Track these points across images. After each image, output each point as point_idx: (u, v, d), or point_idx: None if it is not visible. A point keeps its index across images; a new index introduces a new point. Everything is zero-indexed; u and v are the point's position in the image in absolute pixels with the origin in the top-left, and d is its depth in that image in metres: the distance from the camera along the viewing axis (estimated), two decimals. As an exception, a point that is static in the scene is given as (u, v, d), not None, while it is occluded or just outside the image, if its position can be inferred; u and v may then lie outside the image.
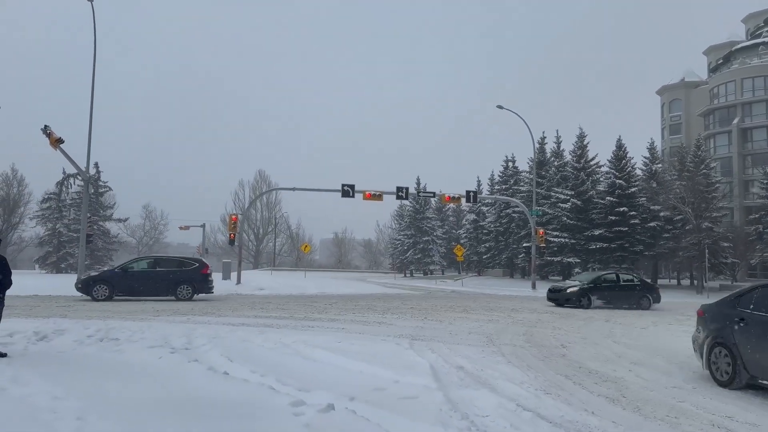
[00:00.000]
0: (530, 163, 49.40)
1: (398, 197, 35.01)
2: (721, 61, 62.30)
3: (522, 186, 49.51)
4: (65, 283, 27.92)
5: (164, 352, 8.54)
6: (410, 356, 8.50)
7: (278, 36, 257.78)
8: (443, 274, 71.40)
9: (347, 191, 33.44)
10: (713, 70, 64.37)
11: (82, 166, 25.19)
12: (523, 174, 51.37)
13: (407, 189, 34.80)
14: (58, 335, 10.42)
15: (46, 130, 20.86)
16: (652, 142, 45.94)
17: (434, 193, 34.97)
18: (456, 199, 35.16)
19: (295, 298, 22.85)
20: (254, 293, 25.41)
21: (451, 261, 73.86)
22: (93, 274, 20.88)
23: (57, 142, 21.04)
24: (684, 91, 63.50)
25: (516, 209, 47.80)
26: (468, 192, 35.76)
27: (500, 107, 35.94)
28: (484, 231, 55.94)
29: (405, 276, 69.34)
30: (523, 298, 26.59)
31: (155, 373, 6.98)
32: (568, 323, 14.05)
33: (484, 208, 55.69)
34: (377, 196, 34.15)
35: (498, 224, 52.16)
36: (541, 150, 48.90)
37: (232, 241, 31.48)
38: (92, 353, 8.70)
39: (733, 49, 59.86)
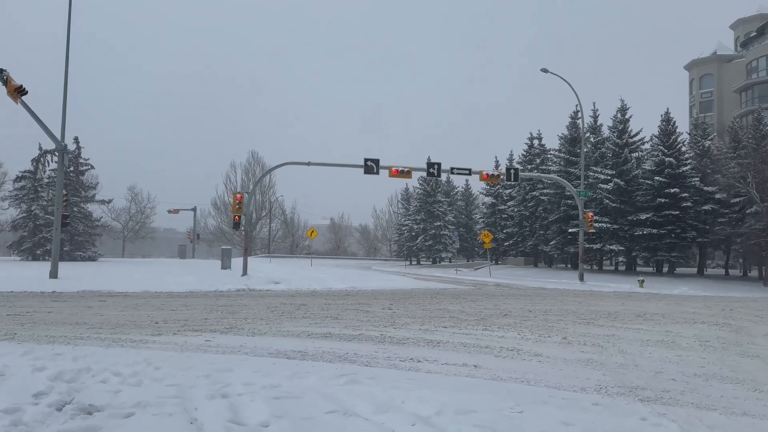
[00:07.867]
0: (560, 139, 44.74)
1: (429, 174, 30.26)
2: (755, 33, 57.96)
3: (551, 165, 44.61)
4: (37, 274, 23.00)
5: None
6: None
7: (277, 18, 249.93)
8: (450, 262, 66.72)
9: (371, 167, 28.63)
10: (744, 44, 60.11)
11: (62, 138, 20.51)
12: (551, 153, 46.40)
13: (439, 165, 29.99)
14: (-20, 391, 5.61)
15: (3, 75, 15.78)
16: (699, 117, 41.49)
17: (470, 170, 30.15)
18: (495, 177, 30.38)
19: (328, 296, 18.02)
20: (270, 288, 20.58)
21: (459, 248, 69.02)
22: None
23: (17, 92, 15.97)
24: (716, 66, 58.96)
25: (544, 191, 43.15)
26: (508, 169, 31.08)
27: (545, 71, 31.17)
28: (504, 215, 51.23)
29: (413, 264, 64.61)
30: (596, 294, 22.00)
31: None
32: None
33: (505, 191, 50.87)
34: (405, 173, 29.37)
35: (522, 208, 47.42)
36: (573, 125, 44.10)
37: (237, 224, 26.39)
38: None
39: (769, 20, 55.52)
